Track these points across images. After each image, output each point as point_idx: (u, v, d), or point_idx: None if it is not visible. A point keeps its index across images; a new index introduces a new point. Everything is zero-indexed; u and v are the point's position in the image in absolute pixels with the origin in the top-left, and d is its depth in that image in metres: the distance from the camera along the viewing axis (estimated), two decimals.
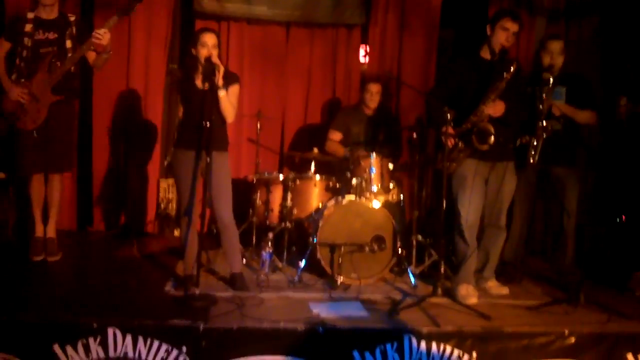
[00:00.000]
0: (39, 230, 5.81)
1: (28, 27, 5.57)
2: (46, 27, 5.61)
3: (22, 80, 5.53)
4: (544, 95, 5.47)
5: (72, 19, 5.73)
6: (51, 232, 5.83)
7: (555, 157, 5.70)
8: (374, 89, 6.72)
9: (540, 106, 5.48)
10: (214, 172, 5.01)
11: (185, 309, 4.62)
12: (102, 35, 5.38)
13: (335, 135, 6.78)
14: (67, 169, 6.04)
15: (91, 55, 5.67)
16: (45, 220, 5.86)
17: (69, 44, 5.63)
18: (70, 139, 5.89)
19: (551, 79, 5.50)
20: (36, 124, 5.55)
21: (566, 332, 4.60)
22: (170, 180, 7.16)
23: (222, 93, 5.06)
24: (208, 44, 5.10)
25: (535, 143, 5.45)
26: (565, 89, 5.79)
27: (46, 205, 5.87)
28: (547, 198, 5.99)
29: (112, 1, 6.58)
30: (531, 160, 5.49)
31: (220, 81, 5.04)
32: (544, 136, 5.46)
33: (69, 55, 5.59)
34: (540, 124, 5.42)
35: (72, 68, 5.66)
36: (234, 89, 5.25)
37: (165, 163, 5.09)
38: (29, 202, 5.84)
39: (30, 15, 5.62)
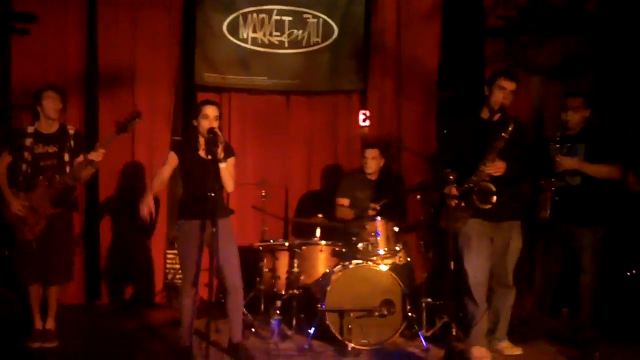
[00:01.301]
0: (38, 324, 5.71)
1: (28, 141, 5.61)
2: (46, 140, 5.67)
3: (22, 192, 5.55)
4: (551, 152, 5.55)
5: (72, 132, 5.80)
6: (50, 325, 5.75)
7: (572, 215, 5.60)
8: (370, 154, 6.76)
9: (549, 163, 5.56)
10: (221, 239, 5.04)
11: None
12: (100, 155, 5.52)
13: (343, 202, 6.81)
14: (66, 281, 5.98)
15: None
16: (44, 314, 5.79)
17: (66, 157, 5.67)
18: (68, 250, 5.88)
19: (557, 136, 5.55)
20: (35, 236, 5.56)
21: None
22: (176, 251, 7.14)
23: (222, 165, 5.12)
24: (210, 116, 5.20)
25: (542, 199, 5.49)
26: (584, 145, 5.70)
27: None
28: (564, 256, 5.92)
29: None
30: (541, 217, 5.51)
31: (221, 153, 5.10)
32: (550, 192, 5.49)
33: (67, 168, 5.65)
34: (542, 181, 5.49)
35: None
36: (232, 161, 5.33)
37: (172, 236, 5.10)
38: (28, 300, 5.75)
39: (31, 129, 5.67)
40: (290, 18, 7.57)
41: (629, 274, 6.02)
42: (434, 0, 7.80)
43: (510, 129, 5.14)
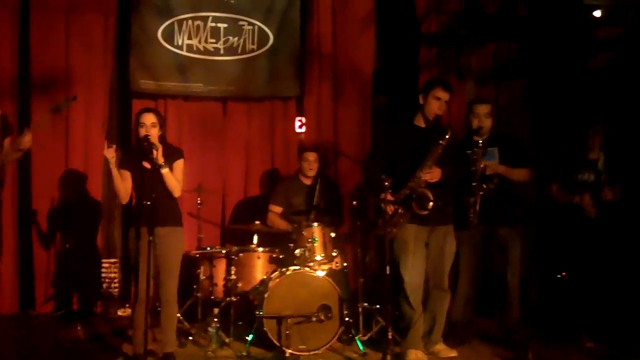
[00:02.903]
0: None
1: None
2: None
3: None
4: (475, 157, 5.68)
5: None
6: None
7: (495, 217, 5.82)
8: (311, 157, 6.82)
9: (473, 168, 5.68)
10: (160, 248, 5.10)
11: None
12: (28, 142, 5.49)
13: (276, 209, 6.84)
14: None
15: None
16: None
17: None
18: None
19: (480, 141, 5.69)
20: None
21: None
22: (112, 259, 7.09)
23: (164, 170, 5.13)
24: (146, 124, 5.20)
25: (472, 203, 5.63)
26: (497, 149, 5.95)
27: None
28: (491, 257, 6.08)
29: (49, 91, 6.65)
30: (471, 220, 5.65)
31: (160, 159, 5.08)
32: (480, 195, 5.63)
33: None
34: (474, 184, 5.62)
35: None
36: (179, 164, 5.33)
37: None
38: None
39: None
40: (225, 25, 7.55)
41: (559, 276, 6.18)
42: (368, 7, 7.88)
43: (447, 137, 5.26)
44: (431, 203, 5.22)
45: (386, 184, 5.22)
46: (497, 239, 5.97)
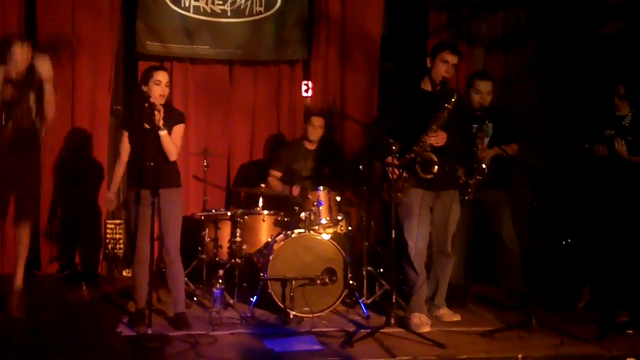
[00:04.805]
0: None
1: None
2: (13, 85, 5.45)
3: None
4: (479, 137, 5.72)
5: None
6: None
7: (488, 181, 5.82)
8: (317, 122, 6.80)
9: (475, 148, 5.74)
10: (161, 209, 5.08)
11: (139, 350, 4.60)
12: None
13: (275, 174, 6.86)
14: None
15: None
16: None
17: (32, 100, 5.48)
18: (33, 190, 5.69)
19: (487, 122, 5.74)
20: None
21: (520, 356, 4.66)
22: (117, 220, 7.12)
23: (162, 132, 5.10)
24: (162, 82, 5.17)
25: (471, 182, 5.63)
26: (492, 125, 5.96)
27: None
28: (485, 220, 6.14)
29: (55, 55, 6.62)
30: (466, 198, 5.66)
31: (160, 121, 5.06)
32: (480, 177, 5.64)
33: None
34: (477, 167, 5.62)
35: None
36: (179, 128, 5.31)
37: (121, 202, 5.09)
38: None
39: None
40: None
41: (564, 242, 6.15)
42: None
43: (453, 100, 5.22)
44: (436, 167, 5.19)
45: (393, 148, 5.19)
46: (487, 202, 6.03)
